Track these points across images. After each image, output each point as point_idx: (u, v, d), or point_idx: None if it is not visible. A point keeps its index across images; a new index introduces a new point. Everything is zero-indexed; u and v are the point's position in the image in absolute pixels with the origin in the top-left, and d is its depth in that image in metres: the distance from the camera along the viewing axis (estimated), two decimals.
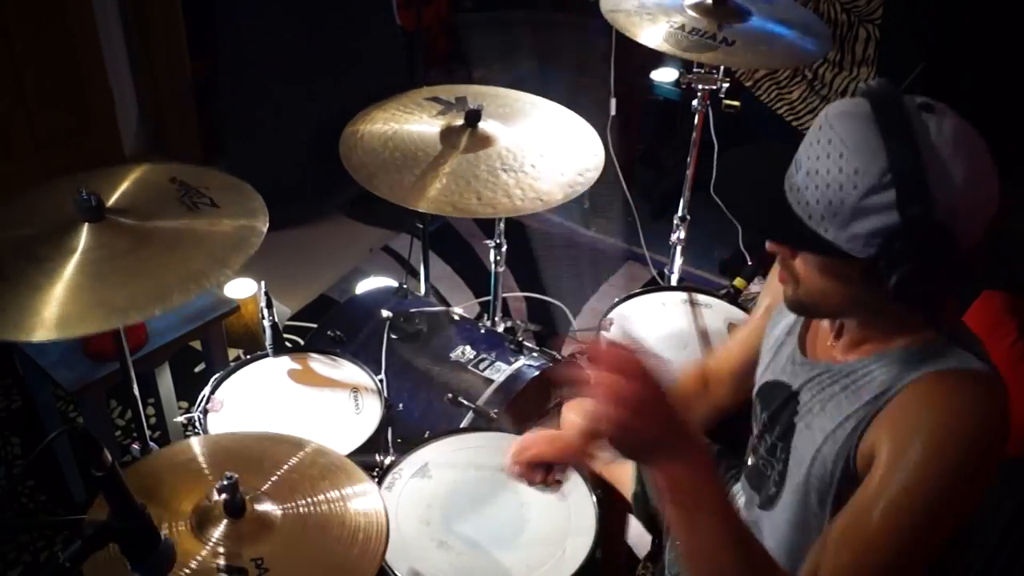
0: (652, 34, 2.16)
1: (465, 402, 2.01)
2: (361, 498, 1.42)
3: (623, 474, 1.73)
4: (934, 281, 1.06)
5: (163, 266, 1.56)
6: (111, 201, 1.66)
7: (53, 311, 1.46)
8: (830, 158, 1.07)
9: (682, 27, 2.17)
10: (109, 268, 1.54)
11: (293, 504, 1.38)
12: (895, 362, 1.16)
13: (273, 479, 1.42)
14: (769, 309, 1.47)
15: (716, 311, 2.22)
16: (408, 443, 1.83)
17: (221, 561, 1.28)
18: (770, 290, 1.51)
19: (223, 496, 1.31)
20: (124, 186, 1.73)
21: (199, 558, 1.28)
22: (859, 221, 1.07)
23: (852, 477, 1.16)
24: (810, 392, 1.26)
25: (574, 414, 1.83)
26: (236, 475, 1.31)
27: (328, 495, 1.41)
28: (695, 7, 2.23)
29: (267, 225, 1.68)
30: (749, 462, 1.44)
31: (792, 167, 1.14)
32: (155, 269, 1.55)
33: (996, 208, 1.09)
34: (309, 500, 1.40)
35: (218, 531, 1.32)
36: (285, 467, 1.46)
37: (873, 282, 1.08)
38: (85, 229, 1.59)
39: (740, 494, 1.48)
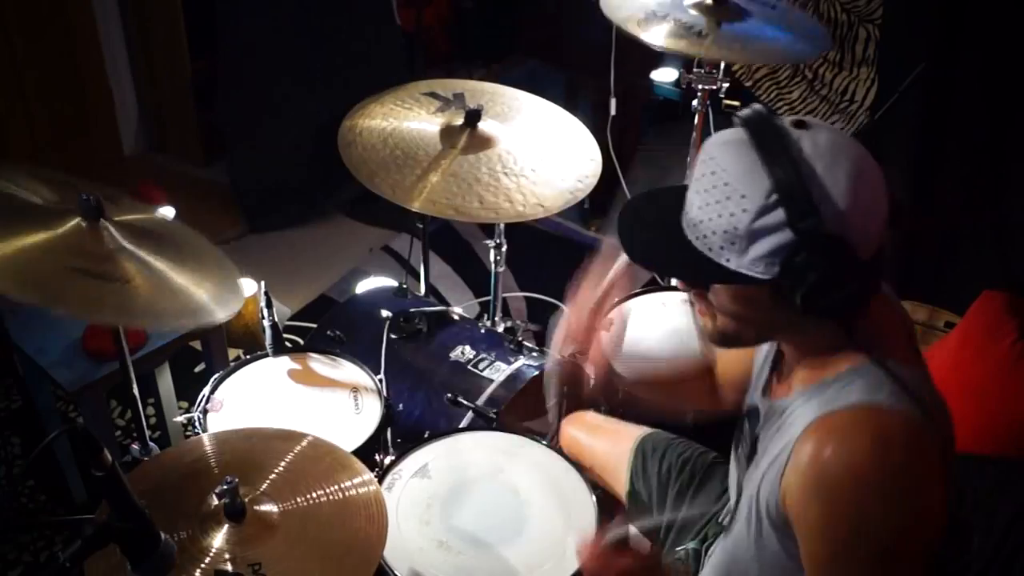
0: (653, 33, 2.16)
1: (465, 402, 2.01)
2: (361, 497, 1.42)
3: (618, 474, 1.73)
4: (839, 290, 1.08)
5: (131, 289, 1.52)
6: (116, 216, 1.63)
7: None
8: (716, 188, 1.10)
9: (681, 24, 2.17)
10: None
11: (294, 503, 1.39)
12: (811, 400, 1.16)
13: (273, 476, 1.43)
14: None
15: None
16: (408, 443, 1.83)
17: (221, 566, 1.28)
18: None
19: (223, 500, 1.31)
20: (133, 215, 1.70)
21: (202, 565, 1.29)
22: (756, 244, 1.09)
23: (782, 522, 1.17)
24: (763, 430, 1.28)
25: (574, 428, 1.83)
26: (236, 479, 1.32)
27: (329, 492, 1.41)
28: (695, 6, 2.23)
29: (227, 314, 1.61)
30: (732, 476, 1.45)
31: (687, 205, 1.16)
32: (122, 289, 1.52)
33: (887, 212, 1.11)
34: (310, 498, 1.40)
35: (219, 536, 1.32)
36: (285, 463, 1.46)
37: (783, 301, 1.10)
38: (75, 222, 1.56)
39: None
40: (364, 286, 2.91)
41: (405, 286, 2.39)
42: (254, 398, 1.92)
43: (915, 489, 1.09)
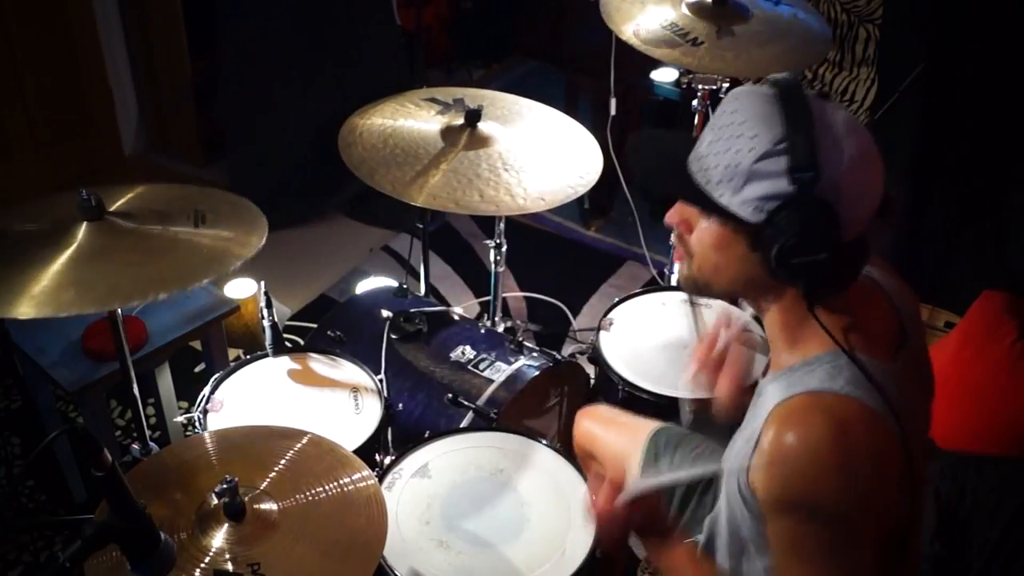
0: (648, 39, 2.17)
1: (465, 402, 2.01)
2: (361, 496, 1.42)
3: (629, 467, 1.72)
4: (813, 255, 1.11)
5: (156, 261, 1.59)
6: (114, 207, 1.68)
7: (42, 289, 1.49)
8: (732, 126, 1.15)
9: (677, 31, 2.17)
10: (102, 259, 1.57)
11: (293, 502, 1.39)
12: (778, 385, 1.19)
13: (273, 475, 1.43)
14: None
15: (716, 311, 2.21)
16: (408, 443, 1.83)
17: (221, 566, 1.28)
18: None
19: (223, 500, 1.31)
20: (129, 196, 1.75)
21: (202, 565, 1.29)
22: (752, 184, 1.13)
23: (749, 499, 1.19)
24: (750, 409, 1.30)
25: (588, 420, 1.83)
26: (236, 478, 1.32)
27: (328, 491, 1.41)
28: (692, 7, 2.23)
29: (263, 239, 1.71)
30: None
31: (699, 140, 1.21)
32: (148, 264, 1.58)
33: (878, 203, 1.15)
34: (309, 497, 1.40)
35: (219, 535, 1.32)
36: (285, 461, 1.46)
37: (758, 254, 1.15)
38: (84, 227, 1.61)
39: None
40: (364, 286, 2.91)
41: (405, 286, 2.39)
42: (254, 398, 1.92)
43: (870, 475, 1.11)
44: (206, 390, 1.91)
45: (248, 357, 2.00)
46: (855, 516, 1.11)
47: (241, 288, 2.66)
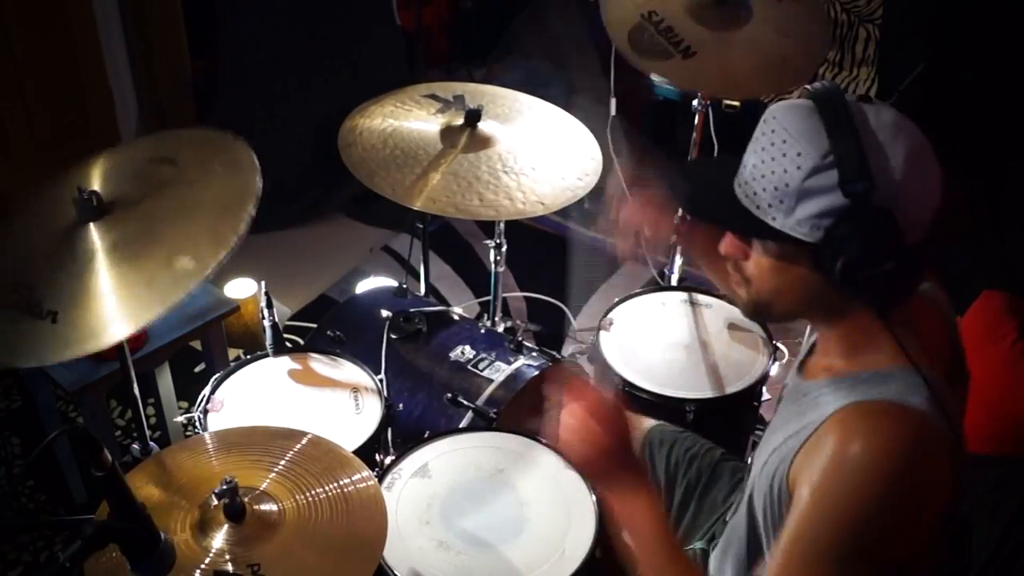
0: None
1: (465, 402, 2.01)
2: (361, 496, 1.42)
3: None
4: (879, 266, 1.07)
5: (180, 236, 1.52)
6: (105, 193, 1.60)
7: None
8: (774, 146, 1.11)
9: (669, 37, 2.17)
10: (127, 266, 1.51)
11: (293, 503, 1.39)
12: (840, 389, 1.15)
13: (273, 476, 1.43)
14: None
15: (716, 311, 2.22)
16: (408, 443, 1.83)
17: (221, 566, 1.28)
18: None
19: (223, 500, 1.31)
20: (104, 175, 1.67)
21: (202, 565, 1.28)
22: (804, 203, 1.09)
23: (783, 498, 1.16)
24: (785, 405, 1.27)
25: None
26: (236, 479, 1.32)
27: (328, 491, 1.41)
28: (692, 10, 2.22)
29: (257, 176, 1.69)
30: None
31: (741, 166, 1.17)
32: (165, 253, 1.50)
33: (939, 201, 1.12)
34: (309, 497, 1.40)
35: (219, 536, 1.32)
36: (285, 462, 1.46)
37: (821, 271, 1.10)
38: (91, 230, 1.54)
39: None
40: (364, 286, 2.91)
41: (405, 286, 2.39)
42: (254, 398, 1.92)
43: (917, 500, 1.08)
44: (206, 390, 1.91)
45: (248, 357, 2.00)
46: (904, 526, 1.07)
47: (241, 288, 2.66)
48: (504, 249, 2.33)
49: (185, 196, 1.59)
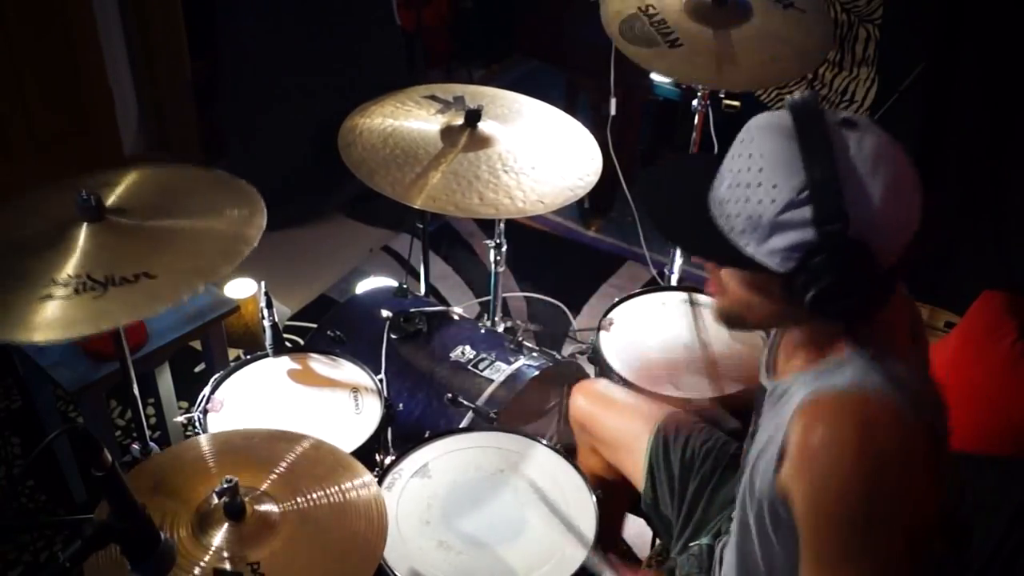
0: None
1: (465, 402, 2.01)
2: (361, 499, 1.42)
3: (632, 453, 1.72)
4: (852, 296, 1.08)
5: (164, 264, 1.55)
6: (109, 201, 1.66)
7: (55, 312, 1.45)
8: (750, 171, 1.09)
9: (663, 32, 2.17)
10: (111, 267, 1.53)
11: (294, 503, 1.39)
12: (806, 383, 1.16)
13: (273, 476, 1.43)
14: None
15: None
16: (408, 443, 1.83)
17: (221, 566, 1.28)
18: None
19: (223, 500, 1.31)
20: (122, 187, 1.74)
21: (201, 564, 1.28)
22: (777, 236, 1.08)
23: (778, 500, 1.17)
24: (765, 408, 1.28)
25: (584, 397, 1.83)
26: (236, 479, 1.32)
27: (329, 493, 1.41)
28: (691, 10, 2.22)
29: (264, 222, 1.70)
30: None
31: (717, 179, 1.15)
32: (156, 266, 1.55)
33: (917, 225, 1.10)
34: (310, 498, 1.40)
35: (218, 536, 1.32)
36: (286, 463, 1.46)
37: (793, 296, 1.10)
38: (84, 229, 1.58)
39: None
40: (364, 286, 2.91)
41: (405, 286, 2.39)
42: (254, 398, 1.92)
43: (899, 476, 1.09)
44: (206, 390, 1.91)
45: (248, 357, 2.00)
46: (888, 511, 1.08)
47: (241, 288, 2.66)
48: (504, 249, 2.33)
49: (184, 230, 1.64)
